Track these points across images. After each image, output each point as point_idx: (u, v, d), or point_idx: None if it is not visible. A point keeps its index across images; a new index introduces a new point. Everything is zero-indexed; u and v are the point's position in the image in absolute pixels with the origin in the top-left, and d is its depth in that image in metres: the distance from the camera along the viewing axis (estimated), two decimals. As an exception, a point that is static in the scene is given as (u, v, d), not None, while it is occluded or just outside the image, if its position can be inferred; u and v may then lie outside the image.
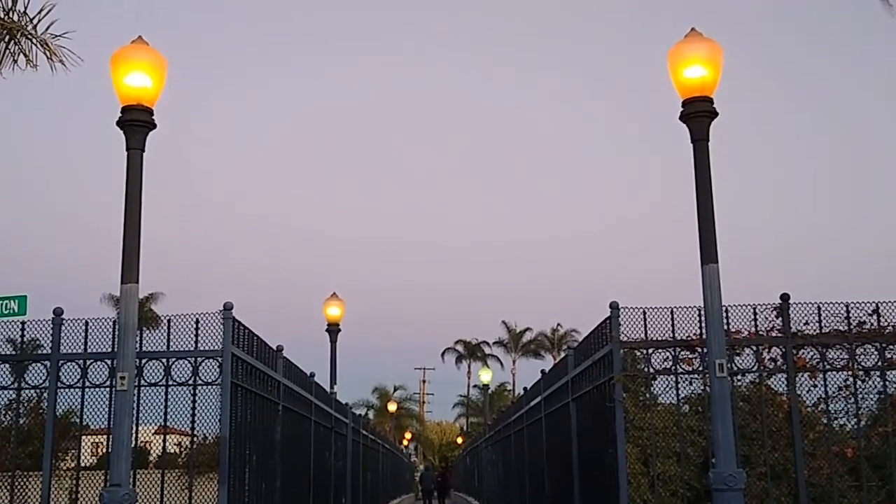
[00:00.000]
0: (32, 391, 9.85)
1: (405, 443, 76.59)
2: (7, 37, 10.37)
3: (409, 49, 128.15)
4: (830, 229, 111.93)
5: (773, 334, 9.48)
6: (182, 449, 10.53)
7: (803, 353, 9.45)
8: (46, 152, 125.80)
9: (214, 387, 9.20)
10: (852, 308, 9.47)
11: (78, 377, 9.59)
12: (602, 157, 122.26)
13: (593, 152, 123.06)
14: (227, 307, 9.31)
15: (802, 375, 9.43)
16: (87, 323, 9.71)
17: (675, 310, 9.39)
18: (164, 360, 9.40)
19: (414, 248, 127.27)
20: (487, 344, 79.36)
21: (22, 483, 9.75)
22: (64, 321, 9.74)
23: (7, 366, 9.83)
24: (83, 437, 9.98)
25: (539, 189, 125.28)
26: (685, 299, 9.38)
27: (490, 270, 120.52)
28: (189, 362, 9.35)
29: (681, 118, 8.48)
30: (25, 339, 9.90)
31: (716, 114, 8.42)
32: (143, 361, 9.32)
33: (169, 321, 9.53)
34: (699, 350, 9.24)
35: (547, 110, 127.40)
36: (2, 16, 10.33)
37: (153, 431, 10.87)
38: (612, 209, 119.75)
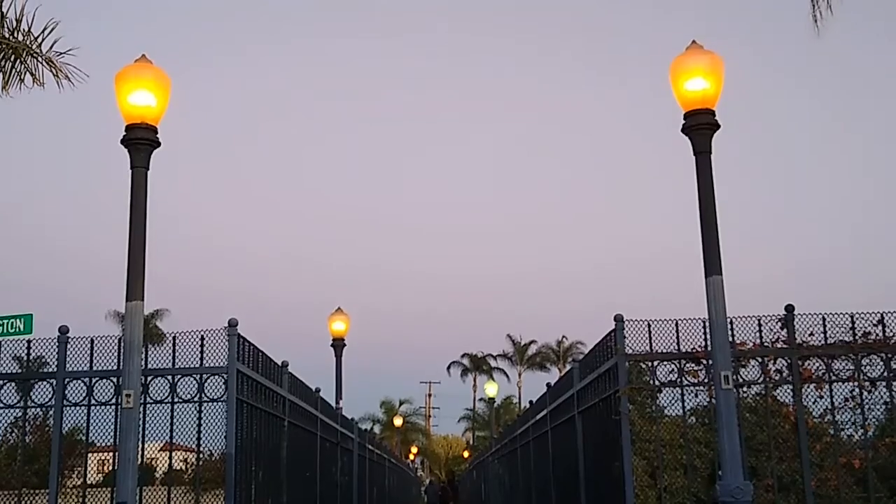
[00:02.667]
0: (38, 409, 9.86)
1: (411, 457, 76.39)
2: (13, 56, 10.41)
3: (416, 71, 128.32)
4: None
5: (779, 346, 9.47)
6: (188, 466, 10.52)
7: (809, 365, 9.43)
8: (50, 172, 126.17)
9: (220, 403, 9.21)
10: (857, 319, 9.45)
11: (84, 395, 9.60)
12: (608, 173, 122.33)
13: (600, 170, 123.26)
14: (232, 323, 9.32)
15: (808, 386, 9.41)
16: (92, 341, 9.72)
17: (679, 322, 9.38)
18: (169, 377, 9.41)
19: (419, 273, 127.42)
20: (493, 357, 79.21)
21: (29, 501, 9.74)
22: (69, 339, 9.75)
23: (13, 384, 9.84)
24: (89, 455, 9.97)
25: (541, 205, 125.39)
26: (690, 312, 9.38)
27: (495, 289, 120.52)
28: (194, 379, 9.35)
29: (683, 131, 8.49)
30: (31, 358, 9.91)
31: (718, 126, 8.41)
32: (149, 378, 9.33)
33: (174, 338, 9.55)
34: (704, 362, 9.23)
35: (548, 126, 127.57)
36: (7, 35, 10.37)
37: (159, 448, 10.86)
38: (617, 225, 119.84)
